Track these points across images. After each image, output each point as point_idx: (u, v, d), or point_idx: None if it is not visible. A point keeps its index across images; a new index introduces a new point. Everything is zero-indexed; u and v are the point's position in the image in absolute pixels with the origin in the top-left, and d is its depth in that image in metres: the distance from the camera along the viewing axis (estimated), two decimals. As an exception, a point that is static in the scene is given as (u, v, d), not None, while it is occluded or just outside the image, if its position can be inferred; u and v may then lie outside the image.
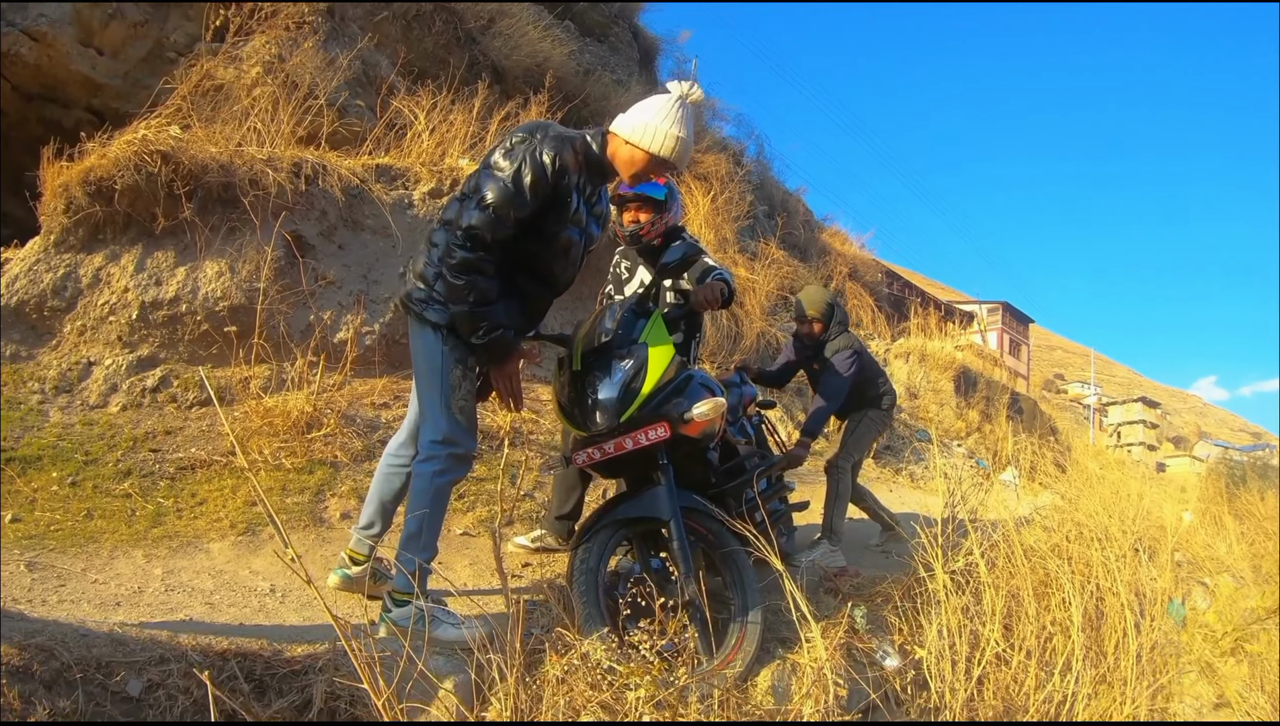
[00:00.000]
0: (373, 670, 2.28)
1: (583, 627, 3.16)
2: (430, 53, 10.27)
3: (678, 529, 3.48)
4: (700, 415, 3.56)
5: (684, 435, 3.58)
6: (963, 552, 4.33)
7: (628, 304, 3.86)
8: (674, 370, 3.66)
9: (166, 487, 4.79)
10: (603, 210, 3.73)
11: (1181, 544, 6.78)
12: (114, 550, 4.07)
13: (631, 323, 3.74)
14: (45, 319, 5.64)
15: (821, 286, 7.49)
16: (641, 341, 3.66)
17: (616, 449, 3.55)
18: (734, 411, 4.94)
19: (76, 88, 8.26)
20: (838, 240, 18.95)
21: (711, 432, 3.73)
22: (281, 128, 6.99)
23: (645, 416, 3.53)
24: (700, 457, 4.00)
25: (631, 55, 15.53)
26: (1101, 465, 13.24)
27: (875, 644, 4.00)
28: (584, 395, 3.62)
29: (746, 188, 13.56)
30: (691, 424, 3.56)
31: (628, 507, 3.65)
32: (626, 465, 3.71)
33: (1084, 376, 57.13)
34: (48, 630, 2.54)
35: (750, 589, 3.58)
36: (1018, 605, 4.17)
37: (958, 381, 14.40)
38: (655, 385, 3.55)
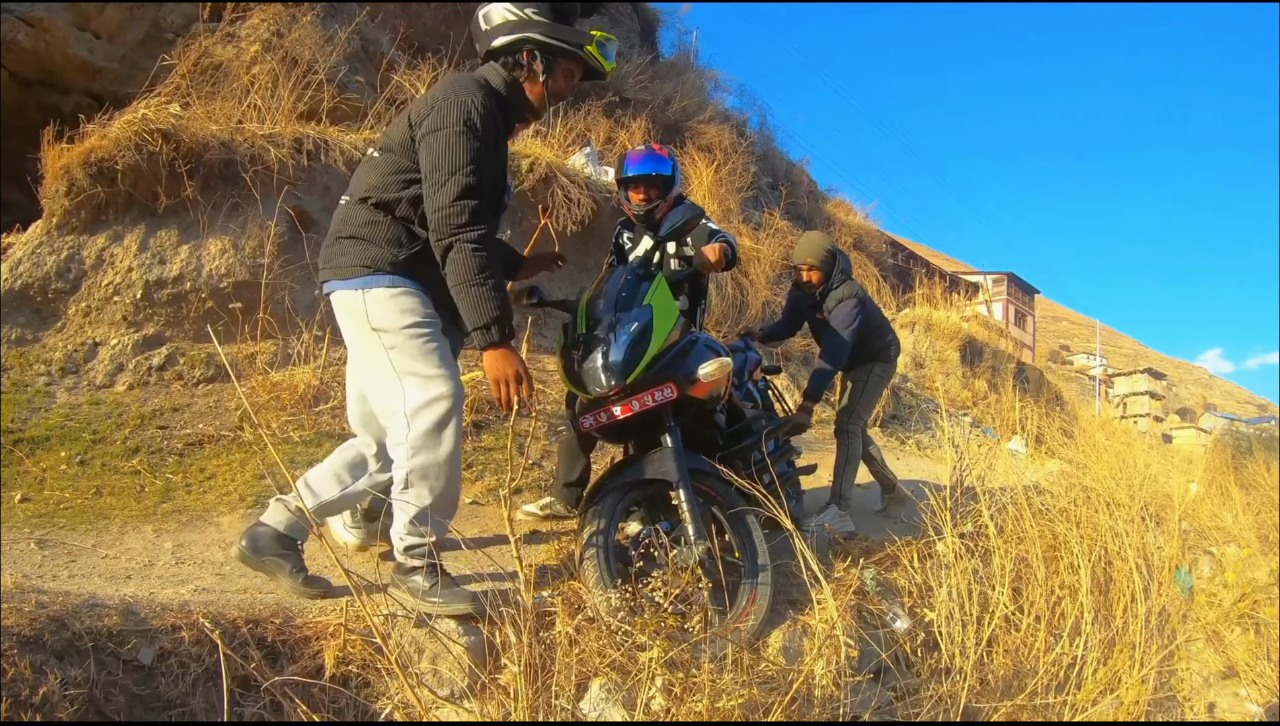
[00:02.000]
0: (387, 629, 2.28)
1: (593, 590, 3.19)
2: (429, 27, 10.24)
3: (687, 491, 3.48)
4: (706, 376, 3.59)
5: (691, 397, 3.60)
6: (971, 515, 4.34)
7: (631, 267, 3.87)
8: (679, 332, 3.67)
9: (175, 463, 4.80)
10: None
11: (1188, 514, 6.78)
12: (124, 526, 4.08)
13: (635, 286, 3.74)
14: (50, 301, 5.64)
15: (821, 233, 7.30)
16: (646, 303, 3.65)
17: (624, 411, 3.54)
18: (739, 375, 4.98)
19: (74, 72, 8.25)
20: (842, 211, 18.86)
21: (718, 394, 3.78)
22: (282, 104, 6.96)
23: (651, 378, 3.53)
24: (708, 420, 4.05)
25: (632, 27, 15.45)
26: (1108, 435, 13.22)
27: (885, 606, 4.01)
28: (590, 359, 3.58)
29: (750, 159, 13.51)
30: (698, 385, 3.60)
31: (636, 470, 3.64)
32: (634, 429, 3.73)
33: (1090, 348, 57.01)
34: (59, 601, 2.55)
35: (759, 550, 3.60)
36: (1027, 569, 4.17)
37: (963, 351, 14.37)
38: (661, 347, 3.56)
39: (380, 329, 2.97)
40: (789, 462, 5.07)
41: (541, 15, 3.11)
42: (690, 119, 13.03)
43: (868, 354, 5.96)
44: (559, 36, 3.12)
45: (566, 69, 3.22)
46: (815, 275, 5.84)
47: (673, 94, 13.05)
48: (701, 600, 2.87)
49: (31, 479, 4.46)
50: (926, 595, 4.03)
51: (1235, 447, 10.59)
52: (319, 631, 2.69)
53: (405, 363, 2.96)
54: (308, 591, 3.12)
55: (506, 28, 3.12)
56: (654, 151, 4.72)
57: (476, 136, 2.92)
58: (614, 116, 10.89)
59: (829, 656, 3.16)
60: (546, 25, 3.11)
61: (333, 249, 3.12)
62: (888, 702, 3.39)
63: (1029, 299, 46.45)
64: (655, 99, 12.56)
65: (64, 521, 4.07)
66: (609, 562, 3.29)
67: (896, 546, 4.45)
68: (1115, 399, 48.63)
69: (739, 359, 5.16)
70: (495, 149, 3.08)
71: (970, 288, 31.55)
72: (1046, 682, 3.55)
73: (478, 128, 2.93)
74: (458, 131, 2.90)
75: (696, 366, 3.62)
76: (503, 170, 3.22)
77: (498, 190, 3.18)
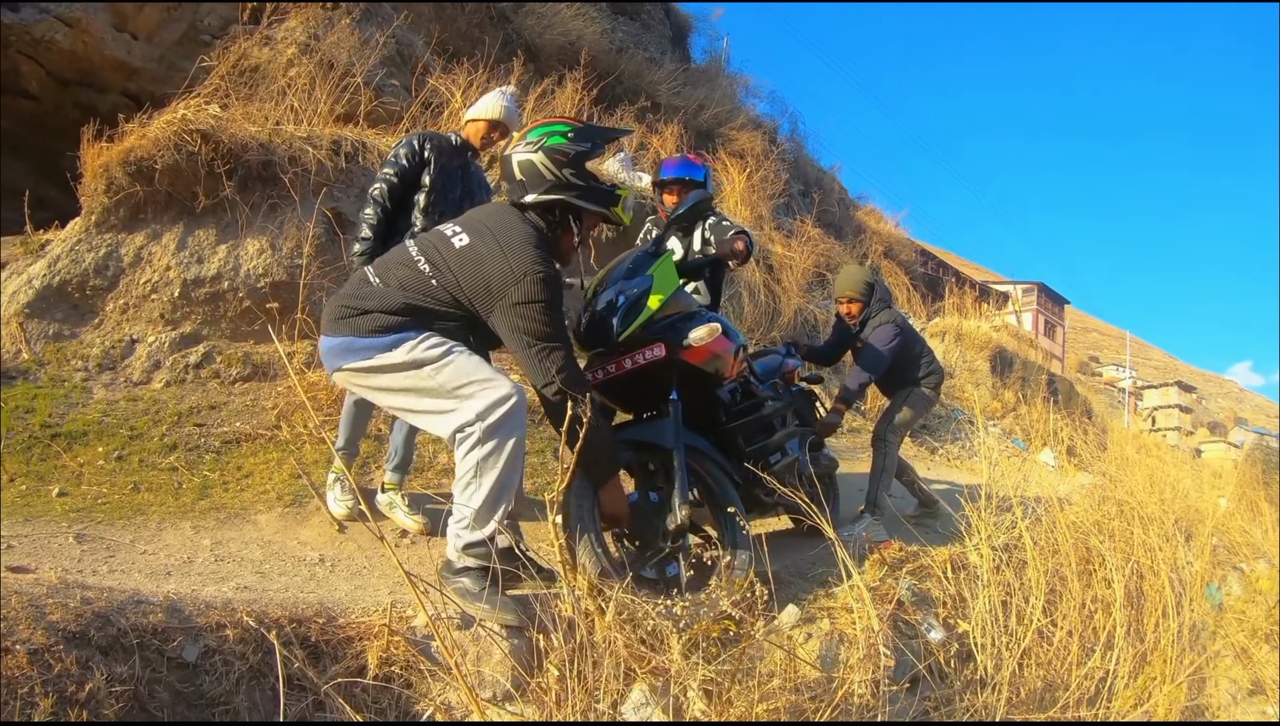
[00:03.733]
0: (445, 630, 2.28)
1: (570, 532, 3.25)
2: (464, 31, 10.30)
3: (680, 458, 3.60)
4: (697, 340, 3.70)
5: (686, 363, 3.75)
6: (1005, 527, 4.32)
7: (644, 248, 4.06)
8: (683, 304, 3.86)
9: (212, 461, 4.84)
10: None
11: (1218, 529, 6.71)
12: (161, 522, 4.12)
13: (644, 261, 3.90)
14: (88, 297, 5.70)
15: (859, 265, 7.42)
16: (648, 273, 3.79)
17: (618, 368, 3.70)
18: (771, 374, 5.06)
19: (111, 72, 8.32)
20: (872, 218, 18.79)
21: (719, 367, 3.88)
22: (319, 107, 7.03)
23: (643, 337, 3.67)
24: (711, 397, 4.11)
25: (664, 33, 15.50)
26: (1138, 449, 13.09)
27: (920, 616, 3.99)
28: (592, 319, 3.80)
29: (781, 166, 13.50)
30: (691, 350, 3.72)
31: (634, 431, 3.80)
32: (639, 396, 3.90)
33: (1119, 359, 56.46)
34: (103, 597, 2.56)
35: (738, 535, 3.68)
36: (1060, 581, 4.15)
37: (993, 361, 14.28)
38: (655, 310, 3.69)
39: (421, 362, 3.00)
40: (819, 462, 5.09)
41: (579, 179, 3.27)
42: (722, 125, 13.03)
43: (907, 379, 6.07)
44: (593, 200, 3.30)
45: (592, 220, 3.40)
46: (855, 307, 6.02)
47: (705, 100, 13.06)
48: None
49: (69, 473, 4.50)
50: (961, 606, 4.01)
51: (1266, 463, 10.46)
52: (362, 631, 2.70)
53: (457, 379, 2.98)
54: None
55: (545, 186, 3.24)
56: (689, 159, 4.95)
57: (560, 298, 3.08)
58: (646, 122, 10.88)
59: (867, 666, 3.15)
60: (583, 190, 3.28)
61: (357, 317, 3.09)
62: (923, 713, 3.38)
63: (1059, 309, 46.04)
64: (688, 105, 12.60)
65: (102, 516, 4.11)
66: (592, 511, 3.34)
67: (931, 557, 4.44)
68: (1144, 412, 48.14)
69: (773, 360, 5.24)
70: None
71: (1000, 297, 31.37)
72: (1078, 696, 3.52)
73: (556, 289, 3.05)
74: (550, 303, 3.01)
75: (689, 330, 3.73)
76: None
77: None
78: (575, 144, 3.28)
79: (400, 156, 4.51)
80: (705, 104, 12.96)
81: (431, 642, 2.63)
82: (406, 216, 4.48)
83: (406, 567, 2.14)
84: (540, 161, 3.23)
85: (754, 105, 15.74)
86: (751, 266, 9.64)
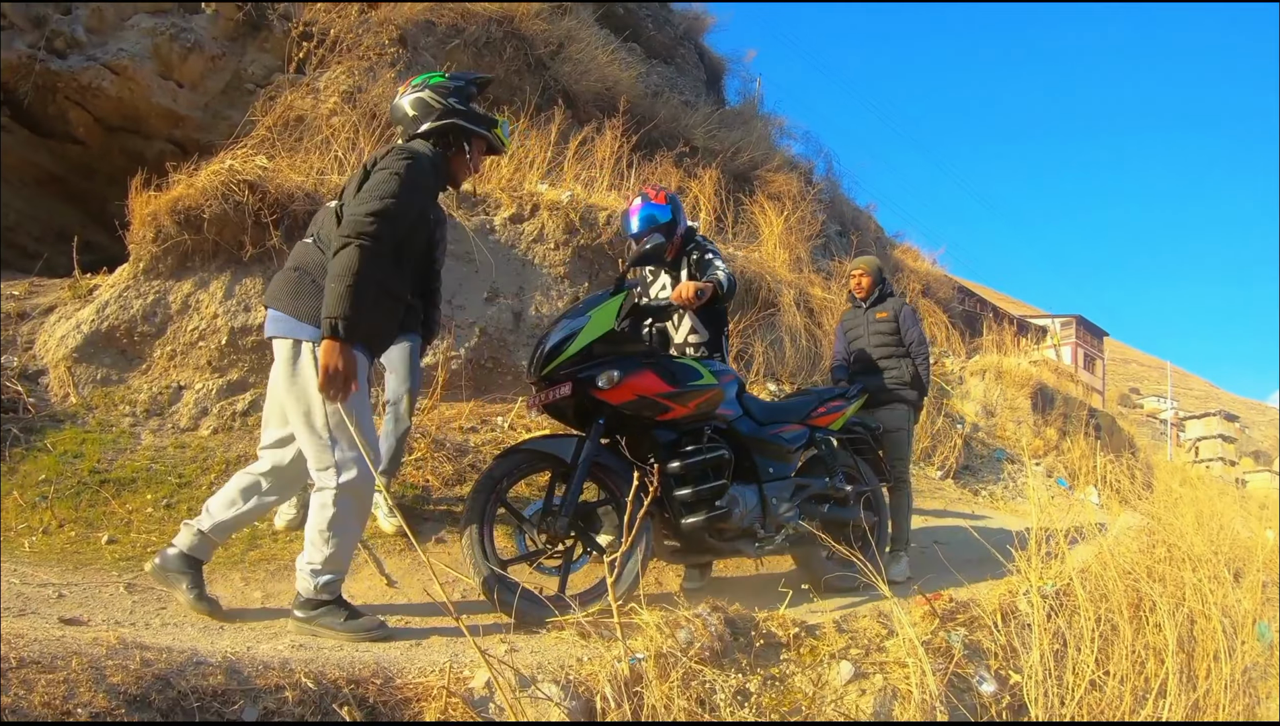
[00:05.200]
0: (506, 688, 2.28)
1: (464, 518, 3.93)
2: (502, 79, 10.42)
3: (580, 474, 4.01)
4: (608, 383, 4.06)
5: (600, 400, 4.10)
6: (1054, 574, 4.28)
7: (606, 290, 4.41)
8: (618, 343, 4.22)
9: (260, 510, 4.86)
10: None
11: (1267, 563, 6.60)
12: (211, 572, 4.13)
13: (595, 301, 4.32)
14: (135, 343, 5.80)
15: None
16: (587, 313, 4.23)
17: (543, 399, 4.23)
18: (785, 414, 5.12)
19: (157, 120, 8.48)
20: (910, 257, 18.66)
21: (643, 408, 4.22)
22: (362, 156, 7.11)
23: (561, 374, 4.14)
24: (642, 434, 4.35)
25: (698, 76, 15.63)
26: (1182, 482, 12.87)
27: (972, 669, 3.93)
28: (536, 349, 4.30)
29: (818, 206, 13.53)
30: (602, 391, 4.08)
31: (545, 443, 4.33)
32: (578, 417, 4.31)
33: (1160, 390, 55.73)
34: (163, 658, 2.58)
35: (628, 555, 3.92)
36: (1111, 629, 4.09)
37: (1035, 398, 14.07)
38: (578, 349, 4.12)
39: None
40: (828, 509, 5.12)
41: (460, 103, 3.72)
42: (758, 167, 13.04)
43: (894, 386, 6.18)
44: (474, 121, 3.75)
45: (480, 146, 3.84)
46: (867, 281, 6.44)
47: (740, 142, 13.08)
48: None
49: (118, 520, 4.56)
50: (1012, 657, 3.96)
51: (1312, 491, 10.27)
52: (420, 693, 2.69)
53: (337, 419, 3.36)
54: (199, 608, 3.53)
55: (433, 114, 3.68)
56: (649, 200, 5.07)
57: (411, 179, 3.40)
58: (684, 166, 10.98)
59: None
60: (465, 112, 3.73)
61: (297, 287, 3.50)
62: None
63: (1098, 342, 45.52)
64: (724, 148, 12.63)
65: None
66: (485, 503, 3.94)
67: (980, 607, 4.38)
68: (1187, 443, 47.42)
69: (797, 402, 5.33)
70: (427, 212, 3.63)
71: (1038, 331, 31.13)
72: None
73: (414, 173, 3.42)
74: (395, 171, 3.38)
75: (600, 374, 4.09)
76: (431, 234, 3.92)
77: (429, 251, 3.98)
78: (453, 80, 3.77)
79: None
80: (741, 147, 12.97)
81: (490, 704, 2.63)
82: None
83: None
84: (428, 96, 3.69)
85: (789, 146, 15.74)
86: (791, 310, 9.66)
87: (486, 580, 3.76)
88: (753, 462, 4.70)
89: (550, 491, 4.22)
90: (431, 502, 5.29)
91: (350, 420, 3.30)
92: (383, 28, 9.02)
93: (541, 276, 7.66)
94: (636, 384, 4.14)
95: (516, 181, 7.98)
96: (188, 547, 3.54)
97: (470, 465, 5.64)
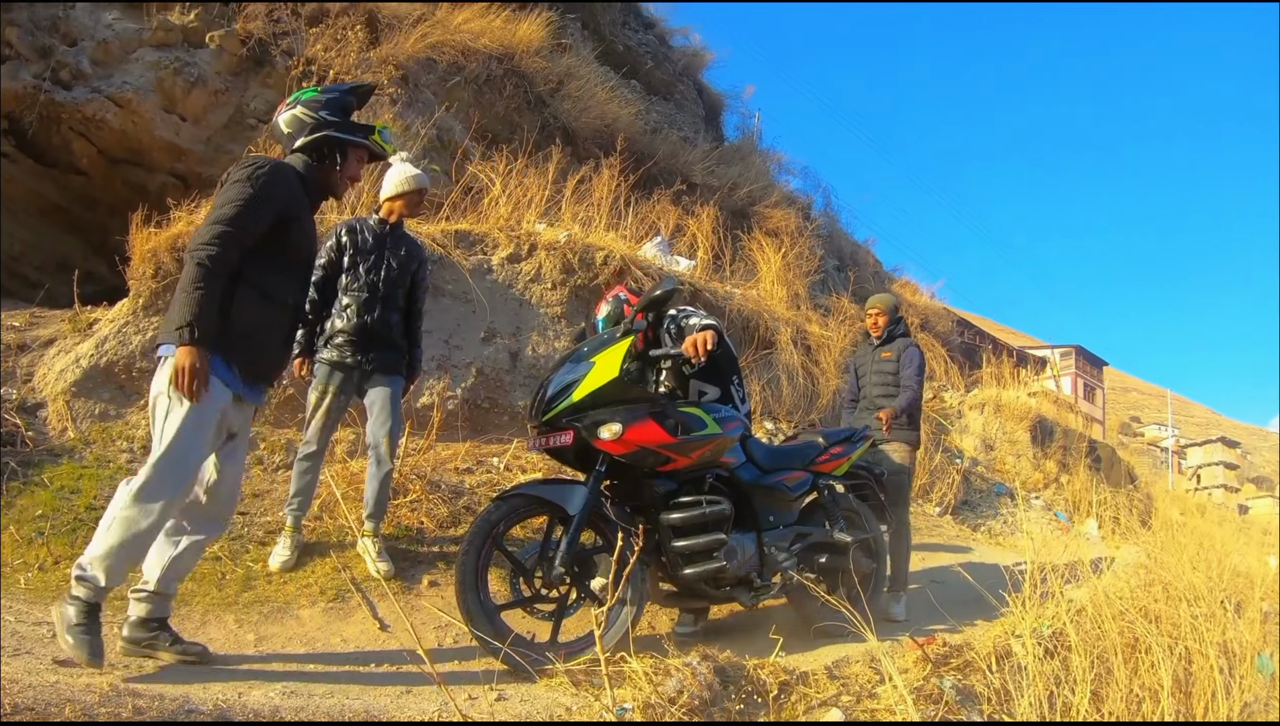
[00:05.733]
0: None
1: (458, 561, 3.86)
2: (502, 116, 10.49)
3: (577, 523, 4.01)
4: (610, 436, 4.04)
5: (598, 449, 4.10)
6: (1049, 617, 4.27)
7: (611, 331, 4.42)
8: (623, 390, 4.20)
9: (256, 551, 4.87)
10: None
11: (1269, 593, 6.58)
12: (206, 614, 4.15)
13: (600, 345, 4.31)
14: (134, 379, 5.81)
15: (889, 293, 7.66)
16: (590, 359, 4.23)
17: (543, 444, 4.24)
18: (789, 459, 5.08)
19: (160, 153, 8.53)
20: (908, 291, 18.74)
21: (643, 459, 4.19)
22: (363, 196, 7.16)
23: (562, 422, 4.14)
24: (643, 480, 4.36)
25: (697, 112, 15.76)
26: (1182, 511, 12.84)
27: (965, 714, 3.92)
28: (538, 392, 4.31)
29: (816, 242, 13.60)
30: (603, 441, 4.06)
31: (543, 488, 4.27)
32: (577, 461, 4.36)
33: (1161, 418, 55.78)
34: (155, 706, 2.59)
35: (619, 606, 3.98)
36: (1106, 670, 4.08)
37: (1034, 431, 14.02)
38: (581, 397, 4.13)
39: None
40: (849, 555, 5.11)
41: (333, 115, 3.75)
42: (756, 203, 13.11)
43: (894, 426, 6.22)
44: (348, 131, 3.77)
45: (358, 155, 3.86)
46: (883, 319, 6.60)
47: (739, 178, 13.15)
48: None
49: (114, 559, 4.54)
50: (1006, 701, 3.94)
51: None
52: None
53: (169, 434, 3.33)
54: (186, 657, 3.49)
55: (307, 128, 3.71)
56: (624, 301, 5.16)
57: (257, 185, 3.42)
58: (682, 204, 11.07)
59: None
60: (339, 123, 3.75)
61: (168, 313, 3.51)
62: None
63: (1097, 371, 45.60)
64: (722, 184, 12.71)
65: (147, 606, 4.13)
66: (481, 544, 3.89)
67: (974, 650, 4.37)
68: (1189, 471, 47.43)
69: (802, 446, 5.27)
70: (301, 221, 3.65)
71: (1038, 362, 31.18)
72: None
73: (260, 178, 3.45)
74: (236, 180, 3.44)
75: (602, 425, 4.06)
76: (312, 240, 3.84)
77: (308, 257, 3.85)
78: (326, 94, 3.80)
79: (323, 252, 5.04)
80: (739, 182, 13.05)
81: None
82: (336, 298, 5.03)
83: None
84: (301, 111, 3.72)
85: (787, 181, 15.85)
86: (789, 348, 9.70)
87: (479, 626, 3.75)
88: (753, 509, 4.69)
89: (548, 534, 4.18)
90: (426, 544, 5.28)
91: (178, 440, 3.30)
92: (383, 66, 9.09)
93: (538, 316, 7.68)
94: (639, 435, 4.11)
95: (514, 221, 8.04)
96: (145, 613, 3.51)
97: (465, 507, 5.65)
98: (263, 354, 3.59)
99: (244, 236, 3.36)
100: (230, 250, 3.31)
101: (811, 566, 4.93)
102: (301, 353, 5.01)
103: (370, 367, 4.94)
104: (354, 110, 3.89)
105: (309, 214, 3.76)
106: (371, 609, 4.34)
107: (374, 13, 9.63)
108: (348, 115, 3.82)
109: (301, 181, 3.65)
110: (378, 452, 4.89)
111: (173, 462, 3.29)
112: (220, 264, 3.29)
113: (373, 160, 4.05)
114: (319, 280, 4.97)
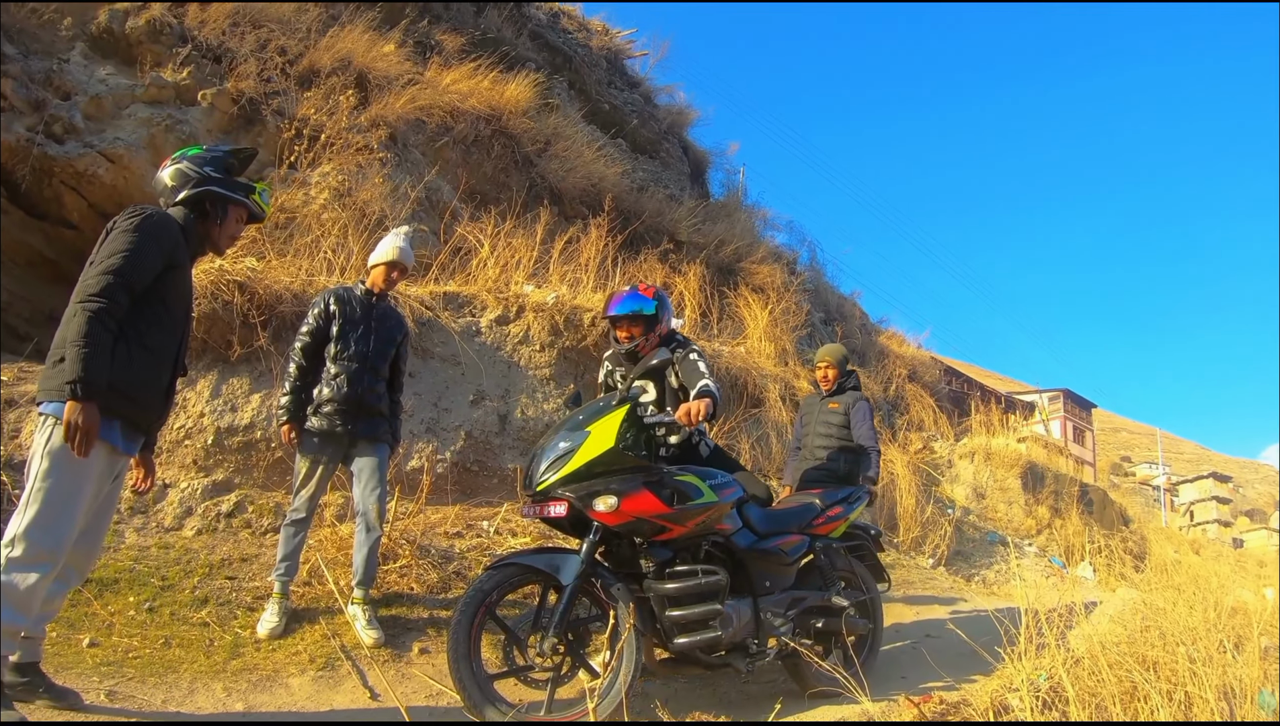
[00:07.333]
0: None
1: (451, 630, 3.86)
2: (490, 176, 10.59)
3: (570, 592, 4.00)
4: (606, 508, 4.05)
5: (591, 518, 4.10)
6: (1046, 668, 4.24)
7: (607, 398, 4.43)
8: (620, 459, 4.18)
9: (244, 617, 4.84)
10: None
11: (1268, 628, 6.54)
12: (193, 681, 4.10)
13: (596, 414, 4.31)
14: (121, 439, 5.76)
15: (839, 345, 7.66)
16: (587, 428, 4.23)
17: (537, 513, 4.24)
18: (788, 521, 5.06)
19: (150, 208, 8.55)
20: (895, 342, 18.81)
21: (637, 529, 4.20)
22: (352, 258, 7.21)
23: (556, 493, 4.13)
24: (638, 548, 4.35)
25: (682, 170, 15.96)
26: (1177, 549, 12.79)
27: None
28: (532, 460, 4.31)
29: (802, 296, 13.68)
30: (597, 512, 4.07)
31: (536, 558, 4.29)
32: (571, 528, 4.36)
33: (1151, 456, 55.71)
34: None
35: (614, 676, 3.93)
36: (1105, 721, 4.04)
37: (1025, 477, 14.02)
38: (575, 469, 4.12)
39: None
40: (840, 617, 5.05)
41: (216, 172, 3.83)
42: (743, 259, 13.18)
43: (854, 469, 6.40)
44: (229, 188, 3.85)
45: (237, 213, 3.93)
46: (833, 372, 6.78)
47: (725, 235, 13.23)
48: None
49: (100, 623, 4.51)
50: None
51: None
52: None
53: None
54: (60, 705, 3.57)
55: (190, 182, 3.79)
56: (637, 292, 5.06)
57: (144, 233, 3.50)
58: (669, 262, 11.16)
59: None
60: (220, 179, 3.83)
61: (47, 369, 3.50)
62: None
63: (1086, 414, 45.57)
64: (708, 242, 12.79)
65: (133, 672, 4.11)
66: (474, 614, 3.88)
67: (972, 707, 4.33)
68: (1182, 507, 47.30)
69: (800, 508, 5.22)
70: (185, 272, 3.76)
71: (1026, 407, 31.20)
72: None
73: (147, 227, 3.53)
74: (123, 229, 3.51)
75: (597, 497, 4.08)
76: (190, 293, 3.91)
77: (186, 310, 3.88)
78: (210, 152, 3.90)
79: (311, 317, 5.15)
80: (725, 239, 13.12)
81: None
82: (323, 366, 5.07)
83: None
84: (185, 166, 3.81)
85: (773, 237, 15.98)
86: (777, 405, 9.75)
87: (471, 697, 3.74)
88: (749, 576, 4.66)
89: (542, 601, 4.19)
90: (416, 610, 5.24)
91: (62, 500, 3.30)
92: (373, 128, 9.17)
93: (527, 378, 7.71)
94: (635, 506, 4.12)
95: (503, 282, 8.10)
96: (18, 658, 3.49)
97: (455, 572, 5.64)
98: (146, 408, 3.62)
99: (134, 285, 3.43)
100: (120, 299, 3.38)
101: (807, 630, 4.90)
102: (289, 419, 5.01)
103: (358, 436, 4.98)
104: (236, 172, 3.96)
105: (189, 266, 3.85)
106: (361, 677, 4.30)
107: (364, 74, 9.73)
108: (230, 175, 3.90)
109: (183, 233, 3.71)
110: (366, 519, 4.90)
111: (53, 522, 3.29)
112: (110, 315, 3.34)
113: (251, 221, 4.12)
114: (306, 347, 5.06)
